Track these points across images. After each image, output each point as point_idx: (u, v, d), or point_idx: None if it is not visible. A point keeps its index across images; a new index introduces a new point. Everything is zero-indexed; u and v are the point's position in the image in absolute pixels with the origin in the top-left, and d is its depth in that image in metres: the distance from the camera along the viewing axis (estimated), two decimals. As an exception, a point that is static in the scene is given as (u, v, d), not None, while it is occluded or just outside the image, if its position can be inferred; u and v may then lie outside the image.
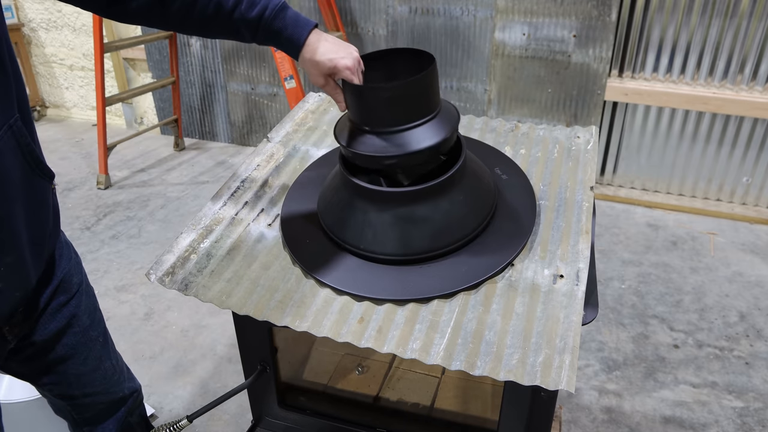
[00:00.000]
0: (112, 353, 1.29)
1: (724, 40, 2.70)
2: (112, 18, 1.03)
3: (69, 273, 1.15)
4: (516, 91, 3.08)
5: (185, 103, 3.84)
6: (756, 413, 1.88)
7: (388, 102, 0.96)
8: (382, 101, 0.97)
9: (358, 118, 1.00)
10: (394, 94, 0.96)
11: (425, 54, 1.01)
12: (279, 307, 0.96)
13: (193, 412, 1.09)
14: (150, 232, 2.96)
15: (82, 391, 1.23)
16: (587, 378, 2.02)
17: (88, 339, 1.20)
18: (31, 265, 0.99)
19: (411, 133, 0.97)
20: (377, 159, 0.98)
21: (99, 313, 1.25)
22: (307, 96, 1.55)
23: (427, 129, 0.98)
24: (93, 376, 1.23)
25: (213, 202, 1.18)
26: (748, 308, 2.33)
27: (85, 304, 1.19)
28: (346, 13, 3.23)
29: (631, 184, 3.16)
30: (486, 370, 0.84)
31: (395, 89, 0.96)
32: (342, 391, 1.40)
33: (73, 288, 1.16)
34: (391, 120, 0.97)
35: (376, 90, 0.97)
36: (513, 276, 0.98)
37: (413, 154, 0.97)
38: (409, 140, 0.97)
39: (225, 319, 2.33)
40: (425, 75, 0.96)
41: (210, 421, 1.90)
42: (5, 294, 0.96)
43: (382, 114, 0.98)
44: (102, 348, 1.25)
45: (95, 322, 1.23)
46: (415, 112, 0.98)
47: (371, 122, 0.99)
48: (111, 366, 1.28)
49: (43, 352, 1.14)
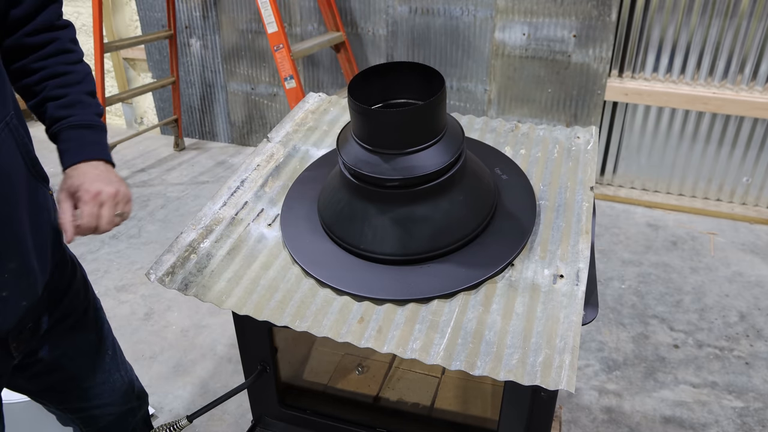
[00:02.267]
0: (121, 365, 1.28)
1: (724, 40, 2.70)
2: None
3: (77, 290, 1.13)
4: (516, 91, 3.08)
5: (185, 103, 3.84)
6: (756, 413, 1.88)
7: (394, 126, 0.95)
8: (387, 125, 0.96)
9: (361, 136, 0.99)
10: (399, 120, 0.94)
11: (432, 71, 0.98)
12: (279, 307, 0.96)
13: (193, 412, 1.09)
14: (150, 232, 2.96)
15: (90, 404, 1.22)
16: (587, 378, 2.02)
17: (96, 355, 1.19)
18: (37, 272, 0.96)
19: (416, 157, 0.96)
20: (380, 180, 0.97)
21: (107, 327, 1.24)
22: (307, 96, 1.55)
23: (432, 152, 0.97)
24: (101, 389, 1.22)
25: (213, 202, 1.17)
26: (748, 308, 2.33)
27: (93, 321, 1.18)
28: (346, 13, 3.23)
29: (631, 184, 3.16)
30: (486, 370, 0.84)
31: (401, 115, 0.94)
32: (342, 391, 1.40)
33: (81, 305, 1.14)
34: (397, 143, 0.96)
35: (380, 114, 0.96)
36: (513, 276, 0.98)
37: (416, 177, 0.97)
38: (413, 163, 0.96)
39: (225, 319, 2.33)
40: (434, 101, 0.94)
41: (210, 421, 1.90)
42: (10, 302, 0.93)
43: (387, 136, 0.96)
44: (111, 361, 1.24)
45: (103, 337, 1.21)
46: (421, 136, 0.97)
47: (375, 143, 0.97)
48: (120, 378, 1.27)
49: (51, 369, 1.12)
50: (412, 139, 0.96)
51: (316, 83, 3.49)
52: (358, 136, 0.99)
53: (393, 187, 0.98)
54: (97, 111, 1.05)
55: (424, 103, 0.93)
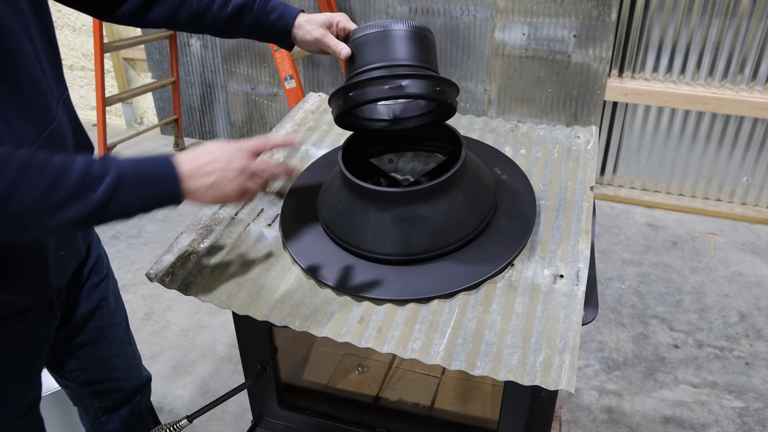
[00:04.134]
0: (132, 339, 1.34)
1: (724, 40, 2.70)
2: (103, 19, 1.07)
3: (101, 255, 1.21)
4: (516, 91, 3.08)
5: (185, 103, 3.84)
6: (756, 413, 1.88)
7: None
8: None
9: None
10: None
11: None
12: (279, 307, 0.96)
13: (193, 412, 1.09)
14: (150, 232, 2.96)
15: (107, 376, 1.27)
16: (587, 378, 2.02)
17: (113, 323, 1.25)
18: (80, 236, 1.06)
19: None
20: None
21: (121, 299, 1.30)
22: (307, 96, 1.55)
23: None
24: (116, 361, 1.27)
25: (213, 202, 1.17)
26: (748, 308, 2.33)
27: (112, 288, 1.25)
28: (346, 13, 3.23)
29: (631, 184, 3.16)
30: (486, 370, 0.84)
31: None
32: (342, 391, 1.40)
33: (104, 270, 1.21)
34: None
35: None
36: (513, 276, 0.98)
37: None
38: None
39: (225, 319, 2.33)
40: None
41: (210, 421, 1.90)
42: (66, 261, 1.02)
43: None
44: (125, 333, 1.30)
45: (119, 306, 1.28)
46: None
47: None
48: (131, 351, 1.33)
49: (74, 334, 1.18)
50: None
51: (316, 83, 3.49)
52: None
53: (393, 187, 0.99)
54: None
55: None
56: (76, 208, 0.74)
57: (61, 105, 0.93)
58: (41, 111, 0.86)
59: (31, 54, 0.84)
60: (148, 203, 0.80)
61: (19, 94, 0.82)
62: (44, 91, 0.87)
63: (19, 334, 1.00)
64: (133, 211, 0.79)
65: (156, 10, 1.06)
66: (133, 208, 0.79)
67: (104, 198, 0.75)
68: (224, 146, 0.86)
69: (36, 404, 1.15)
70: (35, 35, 0.86)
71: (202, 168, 0.83)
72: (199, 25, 1.09)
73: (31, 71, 0.84)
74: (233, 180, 0.85)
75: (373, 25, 0.98)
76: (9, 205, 0.69)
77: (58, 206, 0.72)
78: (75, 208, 0.74)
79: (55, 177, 0.72)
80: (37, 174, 0.71)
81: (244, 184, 0.86)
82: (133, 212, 0.79)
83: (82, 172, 0.74)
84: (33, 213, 0.71)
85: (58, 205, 0.72)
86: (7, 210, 0.69)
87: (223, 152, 0.85)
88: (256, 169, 0.87)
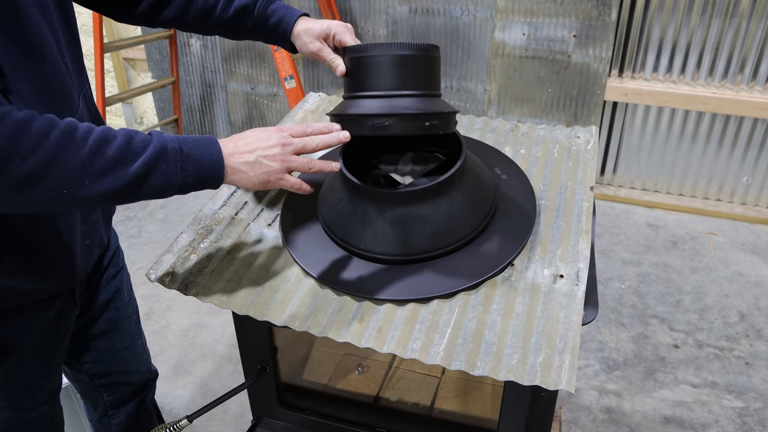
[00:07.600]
0: (142, 333, 1.36)
1: (724, 40, 2.70)
2: (119, 20, 1.09)
3: (119, 247, 1.24)
4: (516, 91, 3.08)
5: (185, 103, 3.84)
6: (756, 413, 1.88)
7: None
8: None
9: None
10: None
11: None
12: (279, 307, 0.96)
13: (193, 412, 1.09)
14: (150, 232, 2.96)
15: (118, 369, 1.29)
16: (587, 378, 2.02)
17: (126, 315, 1.27)
18: (103, 226, 1.10)
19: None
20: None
21: (134, 293, 1.33)
22: (307, 96, 1.55)
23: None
24: (127, 354, 1.30)
25: (213, 202, 1.18)
26: (748, 308, 2.33)
27: (126, 281, 1.27)
28: (346, 14, 3.23)
29: (631, 184, 3.16)
30: (486, 370, 0.84)
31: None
32: (342, 391, 1.40)
33: (120, 263, 1.24)
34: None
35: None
36: (513, 276, 0.98)
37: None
38: None
39: (225, 319, 2.33)
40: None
41: (210, 421, 1.90)
42: (90, 250, 1.05)
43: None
44: (136, 326, 1.32)
45: (132, 300, 1.30)
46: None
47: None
48: (142, 345, 1.35)
49: (89, 324, 1.20)
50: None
51: (316, 83, 3.49)
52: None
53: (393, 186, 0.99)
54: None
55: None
56: (116, 177, 0.75)
57: (81, 98, 0.96)
58: (64, 103, 0.89)
59: (55, 47, 0.86)
60: (188, 180, 0.81)
61: (45, 87, 0.84)
62: (67, 84, 0.90)
63: (45, 322, 1.03)
64: (172, 187, 0.80)
65: (167, 9, 1.08)
66: (172, 184, 0.80)
67: (144, 168, 0.76)
68: (264, 129, 0.90)
69: (57, 393, 1.18)
70: (59, 29, 0.89)
71: (243, 147, 0.86)
72: (207, 26, 1.11)
73: (54, 64, 0.86)
74: (275, 156, 0.87)
75: (374, 47, 0.96)
76: (53, 168, 0.71)
77: (99, 174, 0.74)
78: (114, 177, 0.75)
79: (98, 144, 0.74)
80: (81, 140, 0.73)
81: (286, 159, 0.88)
82: (172, 188, 0.80)
83: (124, 141, 0.76)
84: (74, 178, 0.73)
85: (99, 173, 0.74)
86: (50, 173, 0.71)
87: (263, 133, 0.88)
88: (296, 145, 0.89)
